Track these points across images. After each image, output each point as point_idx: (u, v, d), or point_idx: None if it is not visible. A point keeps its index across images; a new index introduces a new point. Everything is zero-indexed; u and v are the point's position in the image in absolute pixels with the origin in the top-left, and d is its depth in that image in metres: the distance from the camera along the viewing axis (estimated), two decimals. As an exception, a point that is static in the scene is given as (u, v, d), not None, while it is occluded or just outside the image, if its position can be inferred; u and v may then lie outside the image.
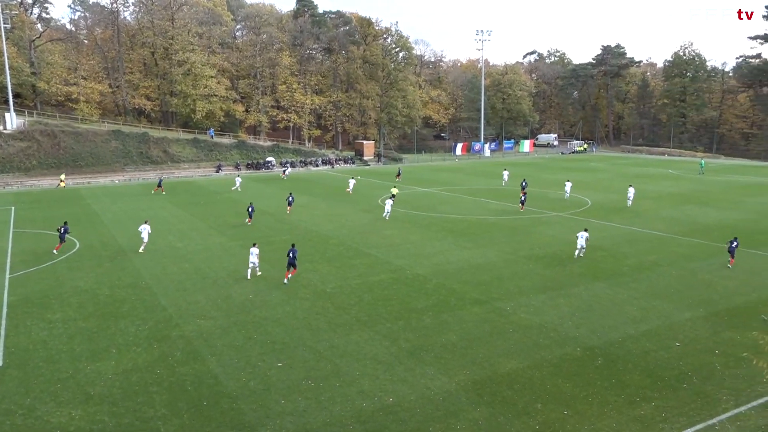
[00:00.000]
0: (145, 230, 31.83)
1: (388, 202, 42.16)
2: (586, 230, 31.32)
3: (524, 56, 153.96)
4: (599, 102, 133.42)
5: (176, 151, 76.64)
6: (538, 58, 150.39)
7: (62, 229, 31.79)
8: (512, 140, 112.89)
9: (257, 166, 78.62)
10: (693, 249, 32.28)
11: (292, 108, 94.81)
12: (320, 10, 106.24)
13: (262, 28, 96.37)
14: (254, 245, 27.41)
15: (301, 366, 17.72)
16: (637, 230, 37.28)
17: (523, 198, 45.03)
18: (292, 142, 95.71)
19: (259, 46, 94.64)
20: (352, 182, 55.86)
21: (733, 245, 28.97)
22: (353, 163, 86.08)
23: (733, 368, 17.30)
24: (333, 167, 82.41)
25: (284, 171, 70.39)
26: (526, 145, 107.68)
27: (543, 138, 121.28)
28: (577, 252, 30.52)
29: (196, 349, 18.99)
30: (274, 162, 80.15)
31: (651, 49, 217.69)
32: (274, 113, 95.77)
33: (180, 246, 33.31)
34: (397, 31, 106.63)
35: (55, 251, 31.28)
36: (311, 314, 22.13)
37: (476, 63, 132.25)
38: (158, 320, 21.54)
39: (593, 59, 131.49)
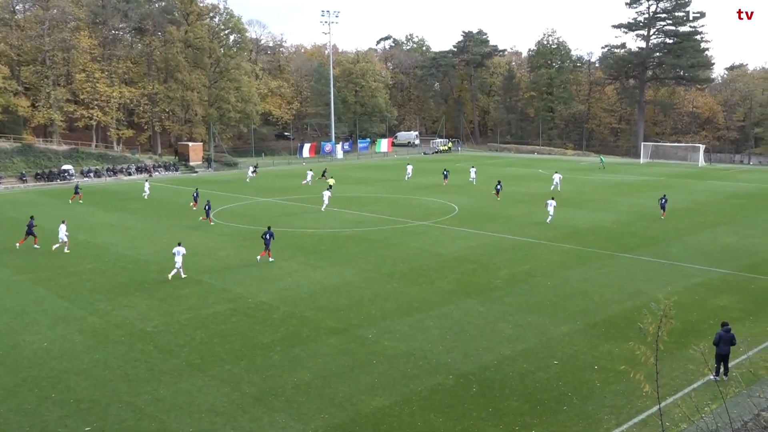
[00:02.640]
0: (62, 230, 36.48)
1: (326, 194, 50.18)
2: (552, 198, 45.49)
3: (378, 42, 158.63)
4: (463, 95, 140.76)
5: (-66, 160, 69.35)
6: (393, 44, 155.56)
7: (29, 223, 37.70)
8: (368, 139, 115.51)
9: (50, 177, 73.37)
10: (566, 256, 34.99)
11: (95, 102, 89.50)
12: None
13: (51, 2, 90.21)
14: (179, 244, 30.98)
15: (116, 428, 16.72)
16: (508, 237, 39.69)
17: (498, 188, 55.91)
18: (97, 146, 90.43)
19: (48, 23, 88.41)
20: (309, 174, 67.43)
21: (663, 201, 45.81)
22: (176, 169, 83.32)
23: (613, 384, 18.97)
24: (151, 175, 79.13)
25: (253, 171, 74.77)
26: (383, 145, 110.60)
27: (403, 136, 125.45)
28: (549, 219, 43.40)
29: (-31, 419, 17.22)
30: (72, 171, 75.29)
31: (515, 36, 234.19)
32: (71, 109, 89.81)
33: (-57, 284, 30.14)
34: (226, 9, 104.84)
35: (35, 246, 37.45)
36: (128, 361, 21.02)
37: (323, 49, 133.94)
38: None
39: (454, 47, 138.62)
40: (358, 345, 22.28)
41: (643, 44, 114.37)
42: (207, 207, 45.54)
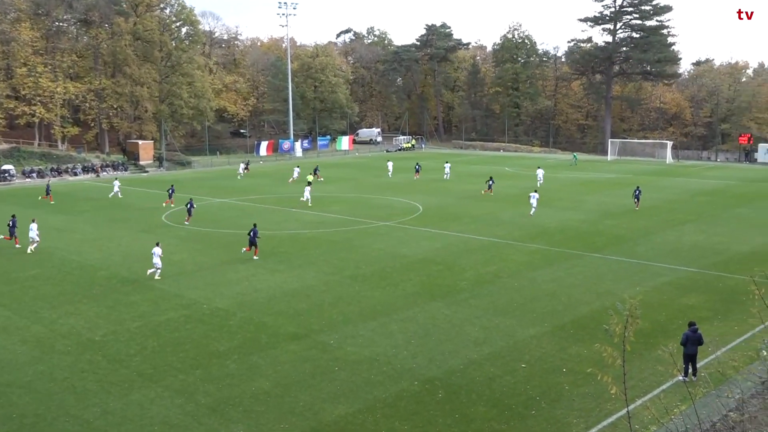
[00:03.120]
0: (33, 230, 37.18)
1: (307, 189, 53.56)
2: (536, 191, 48.89)
3: (338, 35, 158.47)
4: (426, 90, 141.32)
5: None
6: (354, 37, 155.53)
7: (11, 222, 38.55)
8: (328, 136, 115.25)
9: (-11, 178, 71.70)
10: (534, 256, 35.41)
11: (38, 98, 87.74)
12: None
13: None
14: (157, 244, 31.57)
15: (62, 443, 16.44)
16: (474, 238, 40.00)
17: (490, 183, 57.70)
18: (39, 144, 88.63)
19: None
20: (296, 171, 69.21)
21: (637, 192, 50.25)
22: (126, 169, 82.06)
23: (581, 386, 19.26)
24: (98, 175, 77.84)
25: (245, 167, 77.04)
26: (344, 142, 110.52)
27: (364, 133, 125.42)
28: (532, 211, 46.47)
29: None
30: (14, 171, 73.62)
31: (479, 30, 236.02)
32: (12, 105, 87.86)
33: None
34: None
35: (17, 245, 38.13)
36: (75, 372, 20.68)
37: (280, 42, 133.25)
38: None
39: (417, 40, 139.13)
40: (319, 351, 22.23)
41: (609, 38, 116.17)
42: (189, 205, 46.18)
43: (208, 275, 32.03)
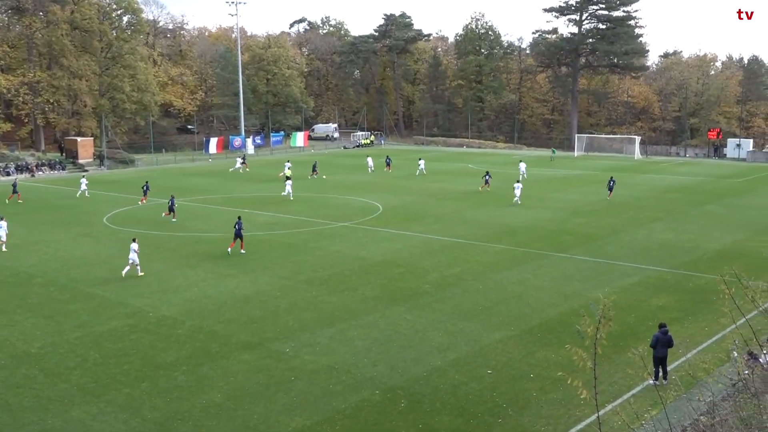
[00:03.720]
0: (2, 228, 37.91)
1: (288, 183, 55.78)
2: (518, 181, 53.48)
3: (291, 25, 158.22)
4: (385, 84, 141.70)
5: None
6: (308, 27, 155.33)
7: None
8: (282, 132, 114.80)
9: None
10: (499, 257, 35.74)
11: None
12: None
13: None
14: (134, 240, 32.36)
15: (-4, 465, 16.09)
16: (436, 238, 40.21)
17: (487, 178, 59.53)
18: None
19: None
20: (287, 166, 67.05)
21: (611, 183, 55.26)
22: (63, 168, 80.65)
23: (550, 392, 19.49)
24: (33, 175, 76.34)
25: (242, 162, 79.21)
26: (299, 138, 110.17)
27: (320, 129, 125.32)
28: (515, 200, 50.95)
29: None
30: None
31: (440, 20, 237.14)
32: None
33: None
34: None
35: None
36: (9, 388, 20.25)
37: (230, 32, 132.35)
38: None
39: (375, 31, 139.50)
40: (274, 360, 22.12)
41: (575, 30, 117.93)
42: (171, 202, 46.91)
43: (154, 281, 31.62)
